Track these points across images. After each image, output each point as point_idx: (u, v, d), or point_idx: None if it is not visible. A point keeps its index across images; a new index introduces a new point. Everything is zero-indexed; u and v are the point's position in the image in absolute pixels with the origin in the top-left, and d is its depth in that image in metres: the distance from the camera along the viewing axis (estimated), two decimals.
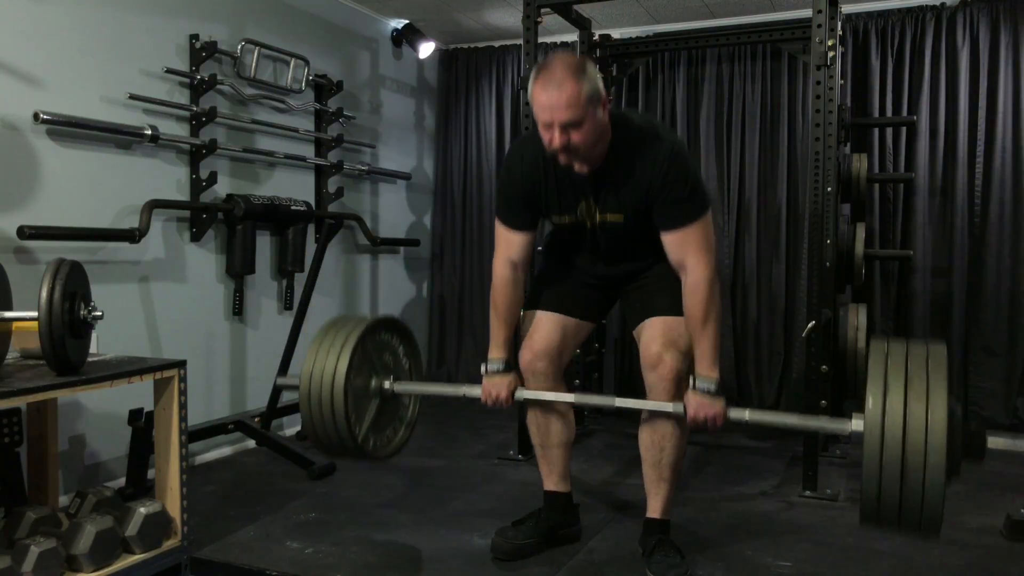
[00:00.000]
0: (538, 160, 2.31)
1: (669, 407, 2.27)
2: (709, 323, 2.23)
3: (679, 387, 2.30)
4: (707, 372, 2.23)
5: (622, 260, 2.47)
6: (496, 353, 2.45)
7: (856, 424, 1.98)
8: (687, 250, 2.24)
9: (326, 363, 2.45)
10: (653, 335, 2.34)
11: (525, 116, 3.63)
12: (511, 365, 2.45)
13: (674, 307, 2.32)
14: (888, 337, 2.05)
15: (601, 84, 2.15)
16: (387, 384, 2.58)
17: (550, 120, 2.10)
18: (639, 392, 2.46)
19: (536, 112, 2.14)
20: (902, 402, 1.85)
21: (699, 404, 2.21)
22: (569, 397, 2.44)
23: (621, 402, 2.35)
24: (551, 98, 2.08)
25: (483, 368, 2.46)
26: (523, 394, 2.43)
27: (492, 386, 2.42)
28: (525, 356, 2.45)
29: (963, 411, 4.01)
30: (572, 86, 2.07)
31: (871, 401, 1.88)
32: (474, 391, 2.46)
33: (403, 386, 2.61)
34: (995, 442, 2.05)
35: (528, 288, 2.57)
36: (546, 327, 2.46)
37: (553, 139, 2.12)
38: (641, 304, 2.44)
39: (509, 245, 2.44)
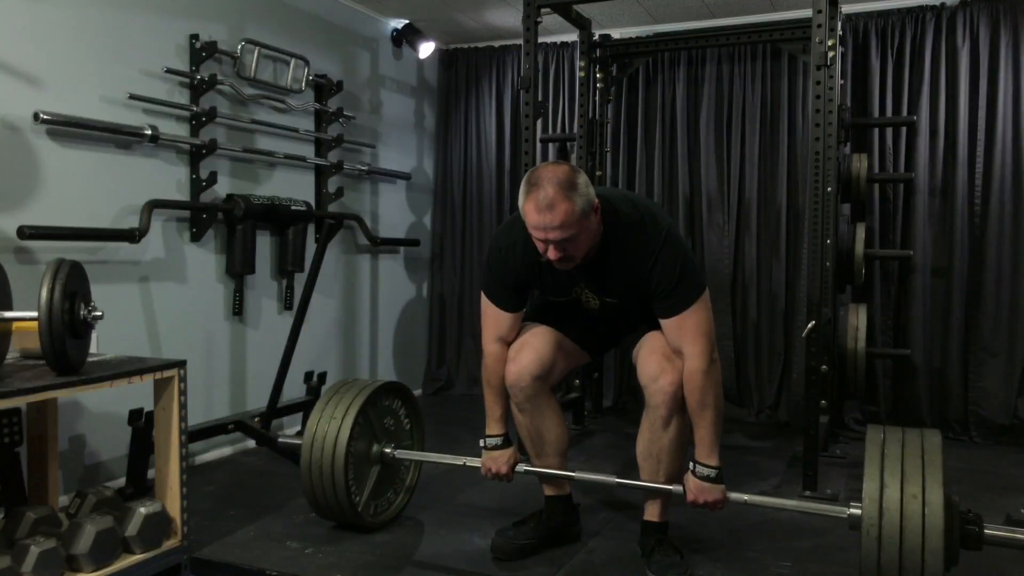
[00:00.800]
0: (529, 250, 2.25)
1: (669, 489, 2.32)
2: (706, 410, 2.22)
3: (677, 401, 2.29)
4: (706, 459, 2.25)
5: (623, 324, 2.49)
6: (494, 429, 2.47)
7: (854, 511, 2.02)
8: (683, 337, 2.23)
9: (328, 429, 2.56)
10: (652, 349, 2.33)
11: (525, 116, 3.64)
12: (509, 440, 2.48)
13: (667, 312, 2.30)
14: (884, 427, 2.09)
15: (592, 192, 2.12)
16: (388, 450, 2.69)
17: (544, 238, 2.10)
18: (639, 394, 2.46)
19: (529, 228, 2.13)
20: (899, 495, 1.89)
21: (700, 489, 2.24)
22: (568, 475, 2.49)
23: (622, 482, 2.41)
24: (544, 220, 2.06)
25: (482, 443, 2.49)
26: (524, 468, 2.48)
27: (491, 461, 2.46)
28: (511, 369, 2.40)
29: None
30: (564, 207, 2.04)
31: (868, 493, 1.91)
32: (474, 462, 2.53)
33: (404, 453, 2.72)
34: (993, 532, 2.08)
35: (528, 310, 2.55)
36: (538, 341, 2.42)
37: (548, 252, 2.12)
38: (637, 326, 2.45)
39: (499, 324, 2.42)
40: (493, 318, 2.42)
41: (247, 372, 3.81)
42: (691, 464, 2.27)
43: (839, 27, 3.42)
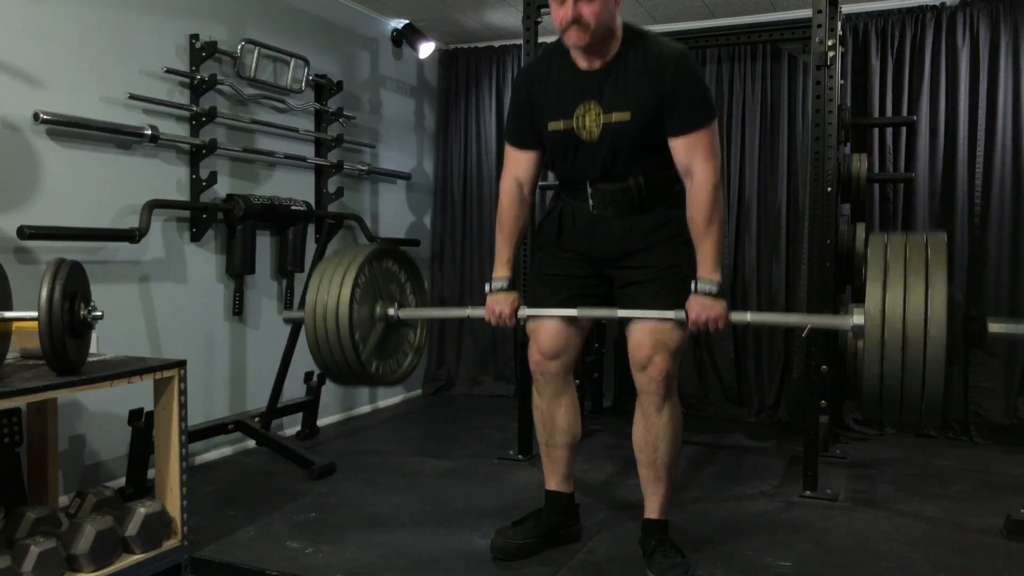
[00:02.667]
0: (547, 62, 2.37)
1: (671, 314, 2.26)
2: (712, 226, 2.25)
3: (669, 387, 2.31)
4: (708, 275, 2.24)
5: (618, 207, 2.38)
6: (500, 272, 2.48)
7: (857, 318, 1.97)
8: (695, 156, 2.25)
9: (329, 291, 2.47)
10: (643, 337, 2.33)
11: None
12: (515, 284, 2.49)
13: (663, 304, 2.31)
14: (888, 231, 2.05)
15: None
16: (391, 311, 2.61)
17: None
18: (636, 392, 2.46)
19: None
20: (901, 292, 1.84)
21: (701, 306, 2.22)
22: (571, 312, 2.43)
23: (623, 313, 2.36)
24: None
25: (487, 287, 2.49)
26: (525, 312, 2.46)
27: (496, 303, 2.45)
28: (534, 357, 2.47)
29: (964, 302, 4.03)
30: None
31: (871, 294, 1.87)
32: (478, 312, 2.50)
33: (408, 312, 2.64)
34: (996, 327, 2.04)
35: (527, 287, 2.56)
36: (549, 330, 2.46)
37: (566, 13, 2.17)
38: (632, 304, 2.42)
39: (516, 163, 2.47)
40: (511, 158, 2.48)
41: (247, 372, 3.81)
42: (693, 284, 2.26)
43: (839, 27, 3.41)
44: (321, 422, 4.10)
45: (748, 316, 2.23)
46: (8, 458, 2.54)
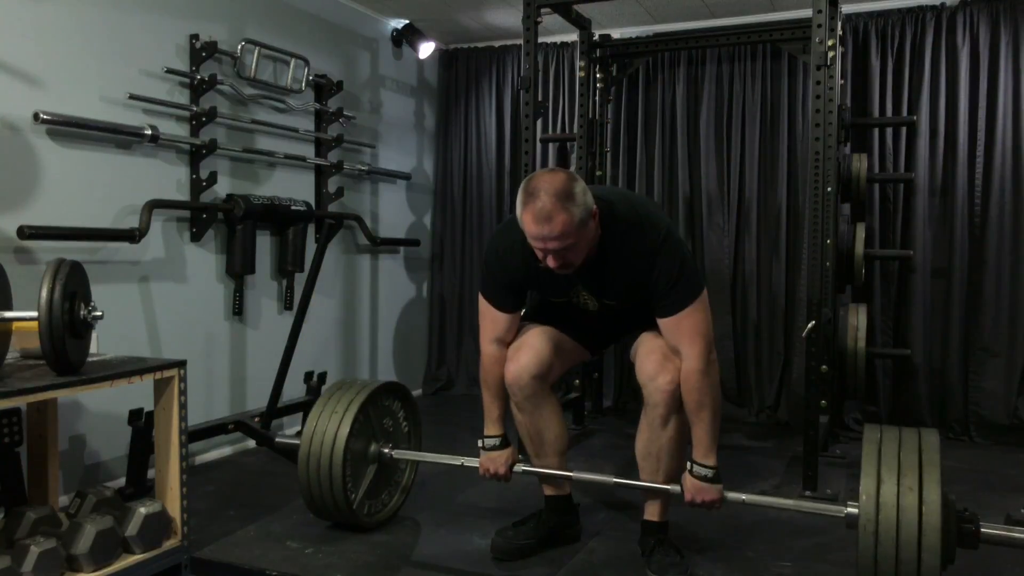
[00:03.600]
0: (527, 252, 2.22)
1: (667, 489, 2.32)
2: (703, 411, 2.23)
3: (676, 399, 2.29)
4: (703, 459, 2.25)
5: (622, 324, 2.49)
6: (492, 430, 2.48)
7: (851, 509, 2.02)
8: (680, 337, 2.23)
9: (327, 428, 2.56)
10: (650, 349, 2.32)
11: (525, 116, 3.64)
12: (508, 441, 2.49)
13: (666, 311, 2.29)
14: (881, 426, 2.09)
15: (589, 198, 2.10)
16: (386, 450, 2.69)
17: (543, 248, 2.10)
18: (638, 394, 2.46)
19: (527, 238, 2.12)
20: (895, 493, 1.89)
21: (697, 488, 2.25)
22: (566, 475, 2.49)
23: (620, 482, 2.42)
24: (542, 231, 2.05)
25: (480, 443, 2.49)
26: (522, 468, 2.49)
27: (490, 462, 2.47)
28: (510, 369, 2.40)
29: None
30: (562, 218, 2.03)
31: (864, 492, 1.92)
32: (472, 463, 2.53)
33: (401, 453, 2.72)
34: (989, 531, 2.08)
35: (526, 310, 2.55)
36: (537, 341, 2.42)
37: (548, 261, 2.12)
38: (635, 326, 2.44)
39: (496, 325, 2.42)
40: (491, 319, 2.42)
41: (247, 372, 3.81)
42: (688, 464, 2.28)
43: (839, 27, 3.42)
44: None
45: (743, 497, 2.26)
46: (8, 458, 2.54)
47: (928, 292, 4.16)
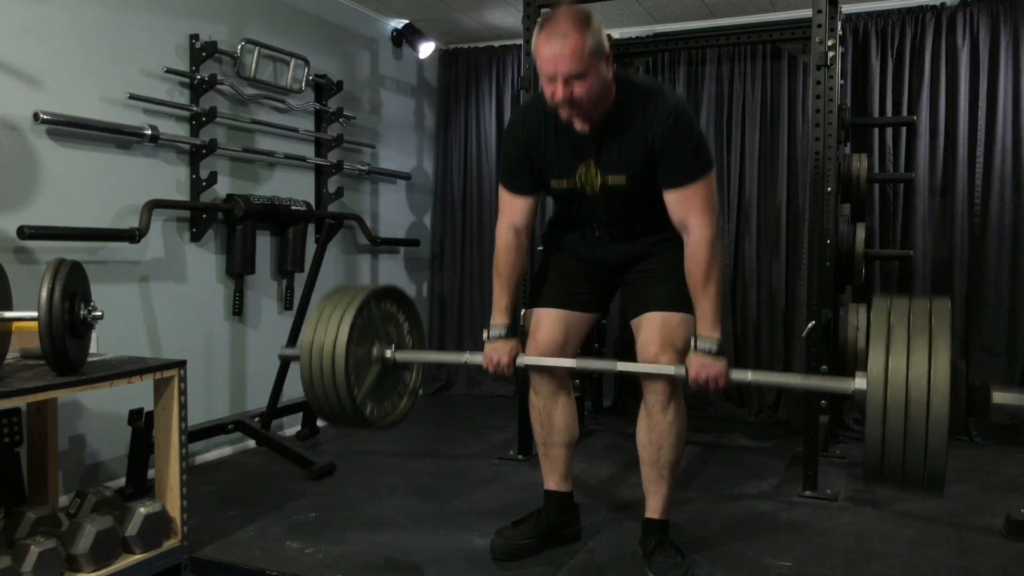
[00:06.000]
0: (540, 121, 2.29)
1: (671, 370, 2.25)
2: (710, 283, 2.22)
3: (675, 386, 2.30)
4: (708, 332, 2.22)
5: (622, 237, 2.43)
6: (499, 319, 2.45)
7: (859, 383, 1.95)
8: (690, 209, 2.22)
9: (327, 330, 2.42)
10: (651, 335, 2.32)
11: None
12: (513, 331, 2.45)
13: (673, 301, 2.31)
14: (891, 295, 2.03)
15: (606, 39, 2.13)
16: (388, 353, 2.56)
17: (553, 72, 2.09)
18: (637, 393, 2.46)
19: (539, 64, 2.13)
20: (904, 359, 1.82)
21: (701, 365, 2.20)
22: (570, 363, 2.43)
23: (623, 366, 2.37)
24: (554, 50, 2.06)
25: (485, 334, 2.46)
26: (524, 360, 2.43)
27: (494, 352, 2.42)
28: (530, 353, 2.44)
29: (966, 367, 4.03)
30: (576, 38, 2.05)
31: (873, 359, 1.85)
32: (476, 358, 2.46)
33: (404, 355, 2.59)
34: (1000, 397, 2.04)
35: (528, 287, 2.55)
36: (549, 324, 2.45)
37: (556, 92, 2.10)
38: (640, 295, 2.42)
39: (512, 210, 2.43)
40: (507, 204, 2.43)
41: (247, 372, 3.81)
42: (692, 341, 2.24)
43: (839, 27, 3.41)
44: (321, 422, 4.10)
45: (749, 375, 2.20)
46: (8, 458, 2.54)
47: (928, 292, 4.16)
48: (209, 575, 2.47)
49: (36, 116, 2.79)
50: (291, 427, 4.05)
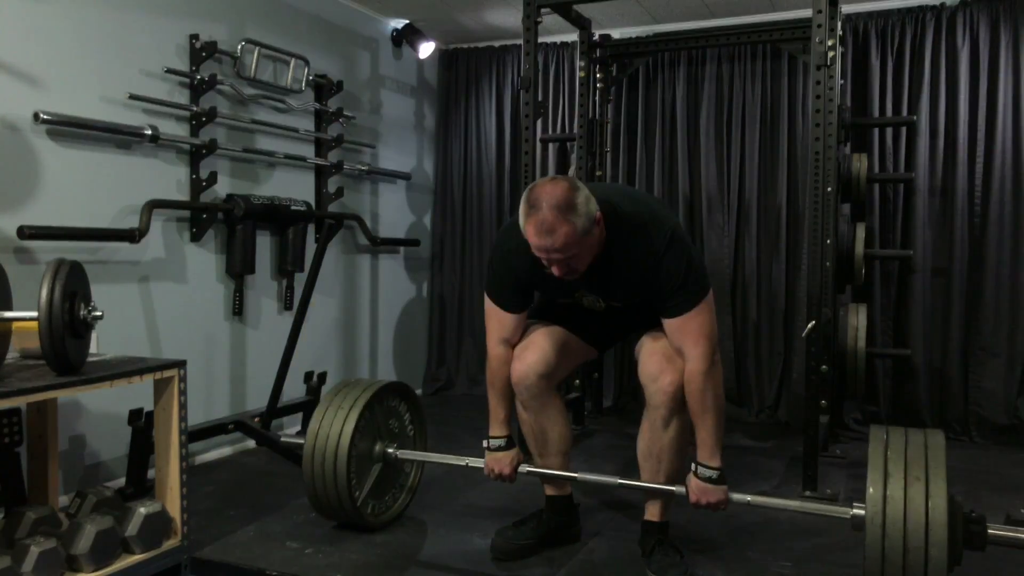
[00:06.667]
0: (530, 262, 2.21)
1: (671, 490, 2.31)
2: (707, 413, 2.22)
3: (679, 400, 2.28)
4: (708, 461, 2.25)
5: (627, 322, 2.48)
6: (497, 431, 2.48)
7: (857, 510, 2.00)
8: (685, 338, 2.22)
9: (332, 425, 2.56)
10: (653, 349, 2.32)
11: (525, 116, 3.63)
12: (513, 442, 2.49)
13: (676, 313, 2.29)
14: (887, 427, 2.07)
15: (592, 206, 2.07)
16: (391, 450, 2.69)
17: (547, 258, 2.10)
18: (639, 394, 2.46)
19: (531, 248, 2.11)
20: (902, 492, 1.87)
21: (702, 491, 2.24)
22: (570, 476, 2.49)
23: (624, 483, 2.41)
24: (545, 243, 2.05)
25: (485, 444, 2.50)
26: (527, 469, 2.48)
27: (495, 462, 2.47)
28: (516, 368, 2.39)
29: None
30: (565, 229, 2.02)
31: (871, 490, 1.90)
32: (477, 463, 2.54)
33: (406, 453, 2.72)
34: (997, 532, 2.07)
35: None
36: (543, 340, 2.41)
37: (552, 267, 2.11)
38: (642, 324, 2.43)
39: (503, 326, 2.41)
40: (497, 320, 2.41)
41: (247, 372, 3.81)
42: (693, 465, 2.27)
43: (839, 27, 3.41)
44: None
45: (748, 498, 2.26)
46: (8, 458, 2.54)
47: (928, 292, 4.16)
48: (209, 575, 2.47)
49: (36, 116, 2.79)
50: (291, 427, 4.05)
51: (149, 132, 3.18)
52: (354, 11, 4.51)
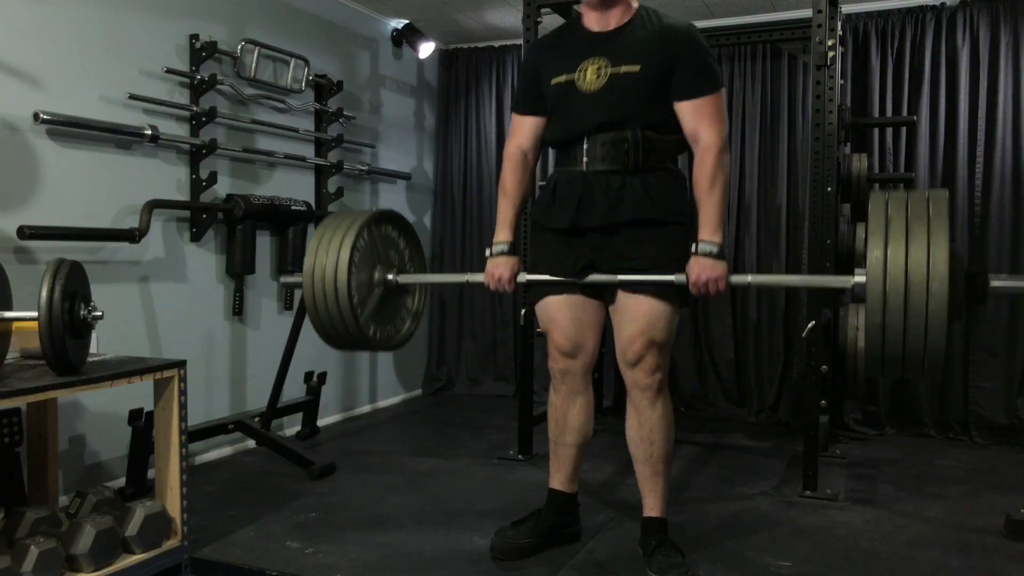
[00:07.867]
0: (556, 35, 2.49)
1: (672, 278, 2.26)
2: (715, 188, 2.26)
3: (661, 381, 2.34)
4: (710, 236, 2.24)
5: (614, 167, 2.34)
6: (501, 235, 2.49)
7: (859, 277, 1.96)
8: (701, 119, 2.29)
9: (328, 254, 2.45)
10: (633, 333, 2.32)
11: None
12: (515, 249, 2.50)
13: (660, 290, 2.29)
14: (888, 191, 2.03)
15: None
16: (391, 276, 2.59)
17: None
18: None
19: None
20: (903, 249, 1.83)
21: (702, 267, 2.22)
22: (575, 280, 2.40)
23: (623, 278, 2.32)
24: None
25: (487, 251, 2.50)
26: (524, 277, 2.46)
27: (495, 267, 2.46)
28: (553, 355, 2.47)
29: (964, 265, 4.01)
30: None
31: (873, 252, 1.85)
32: (477, 277, 2.50)
33: (406, 277, 2.63)
34: (998, 282, 2.03)
35: (527, 260, 2.54)
36: (562, 319, 2.44)
37: None
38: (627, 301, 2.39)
39: (520, 130, 2.52)
40: (516, 126, 2.54)
41: (247, 372, 3.81)
42: (694, 246, 2.25)
43: (839, 27, 3.41)
44: (321, 422, 4.10)
45: (748, 278, 2.26)
46: (8, 458, 2.54)
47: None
48: (209, 575, 2.47)
49: (36, 116, 2.79)
50: (291, 427, 4.05)
51: (149, 132, 3.18)
52: (354, 11, 4.51)
